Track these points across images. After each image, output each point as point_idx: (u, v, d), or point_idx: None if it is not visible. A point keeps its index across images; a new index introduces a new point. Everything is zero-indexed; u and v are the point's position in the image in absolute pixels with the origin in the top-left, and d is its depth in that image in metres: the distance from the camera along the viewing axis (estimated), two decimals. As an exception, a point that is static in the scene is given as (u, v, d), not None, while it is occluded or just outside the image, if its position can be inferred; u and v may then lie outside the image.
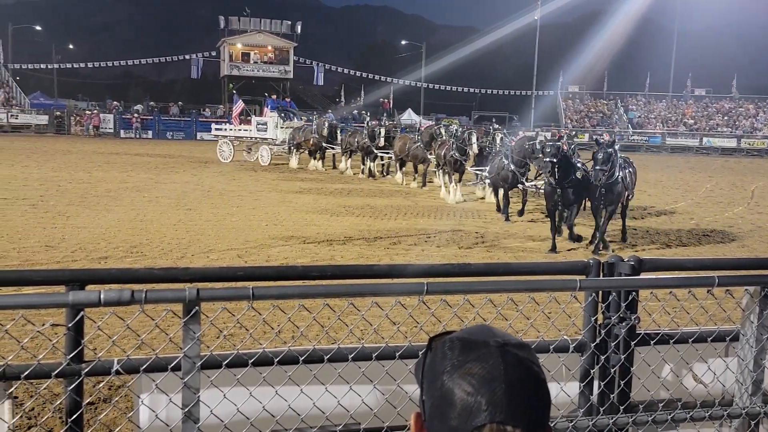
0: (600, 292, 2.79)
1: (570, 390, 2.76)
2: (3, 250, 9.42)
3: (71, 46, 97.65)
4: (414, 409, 1.14)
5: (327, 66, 67.09)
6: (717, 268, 2.95)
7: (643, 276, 2.80)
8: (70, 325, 2.25)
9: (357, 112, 54.62)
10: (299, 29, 61.33)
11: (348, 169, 24.21)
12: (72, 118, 49.30)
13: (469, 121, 65.84)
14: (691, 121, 58.56)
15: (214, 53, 63.48)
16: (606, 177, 10.43)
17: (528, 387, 1.03)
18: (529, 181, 14.49)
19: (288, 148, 26.50)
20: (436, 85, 69.42)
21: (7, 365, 2.20)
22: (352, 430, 2.52)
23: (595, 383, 2.79)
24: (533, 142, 13.88)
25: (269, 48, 59.97)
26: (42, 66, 67.72)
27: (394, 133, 23.13)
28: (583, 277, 2.77)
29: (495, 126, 20.22)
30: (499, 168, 14.32)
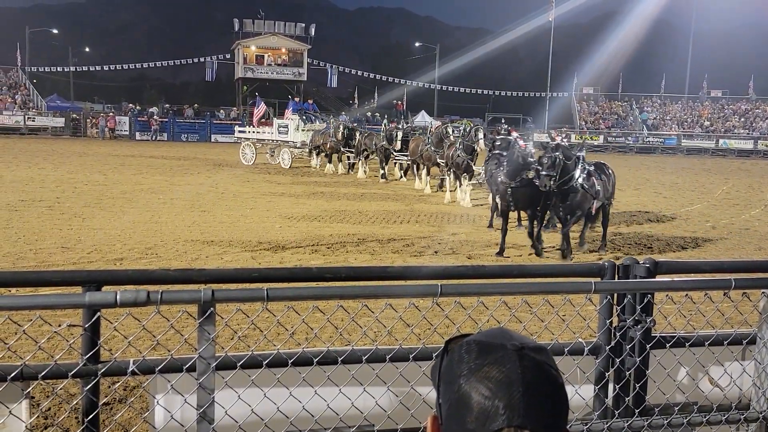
0: (615, 295, 2.78)
1: (585, 393, 2.74)
2: (20, 251, 9.52)
3: (87, 49, 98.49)
4: (427, 411, 1.14)
5: (340, 68, 67.16)
6: (733, 271, 2.93)
7: (659, 278, 2.78)
8: (86, 325, 2.27)
9: (371, 114, 54.67)
10: (313, 31, 61.46)
11: (364, 172, 23.95)
12: (88, 121, 49.74)
13: (482, 122, 65.72)
14: (707, 122, 58.08)
15: (228, 56, 63.75)
16: (555, 182, 9.69)
17: (546, 391, 1.02)
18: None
19: (309, 150, 26.39)
20: (450, 87, 69.33)
21: (25, 365, 2.22)
22: (365, 432, 2.52)
23: (610, 386, 2.78)
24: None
25: (283, 50, 60.14)
26: (58, 69, 68.38)
27: (412, 136, 22.50)
28: (598, 279, 2.76)
29: (504, 126, 20.13)
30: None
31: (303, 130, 26.86)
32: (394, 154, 22.36)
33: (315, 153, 26.11)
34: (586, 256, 10.79)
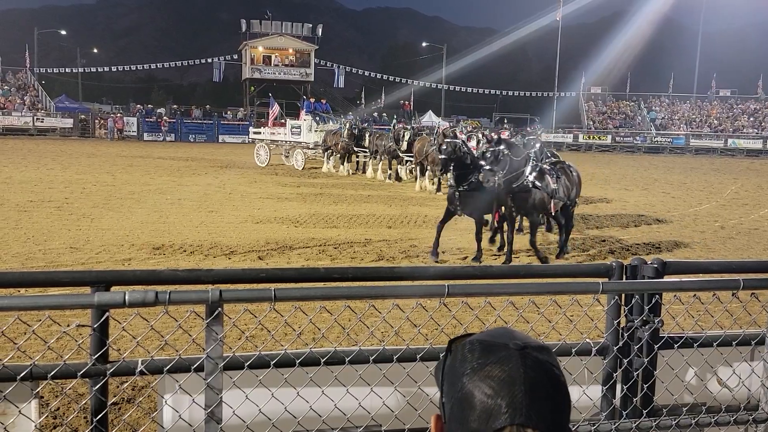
0: (623, 295, 2.77)
1: (592, 393, 2.74)
2: (29, 251, 9.57)
3: (96, 50, 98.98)
4: (435, 411, 1.14)
5: (348, 68, 67.24)
6: (742, 271, 2.91)
7: (667, 279, 2.78)
8: (95, 325, 2.29)
9: (377, 114, 54.69)
10: (320, 32, 61.55)
11: (374, 173, 23.74)
12: (96, 122, 49.99)
13: (489, 122, 65.65)
14: (716, 122, 57.81)
15: (235, 56, 63.97)
16: (499, 178, 9.12)
17: (548, 390, 1.02)
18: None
19: (323, 151, 25.97)
20: (457, 87, 69.30)
21: (34, 365, 2.24)
22: (373, 432, 2.52)
23: (618, 387, 2.77)
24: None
25: (290, 51, 60.25)
26: (67, 70, 68.79)
27: (419, 137, 22.14)
28: (605, 279, 2.75)
29: (507, 126, 20.23)
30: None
31: (316, 131, 26.62)
32: (401, 155, 22.19)
33: (327, 155, 25.64)
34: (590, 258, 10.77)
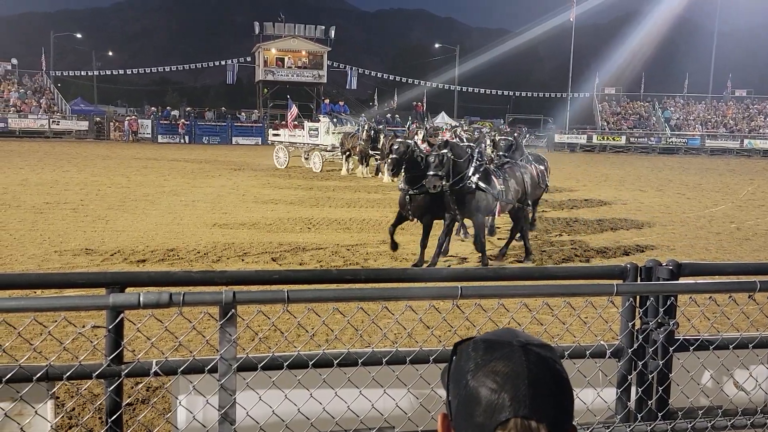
0: (637, 297, 2.75)
1: (607, 396, 2.72)
2: (45, 253, 9.66)
3: (110, 53, 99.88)
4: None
5: (360, 70, 67.31)
6: (758, 273, 2.89)
7: (682, 281, 2.75)
8: (110, 326, 2.30)
9: (390, 115, 54.71)
10: (333, 34, 61.66)
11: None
12: (111, 124, 50.37)
13: (503, 123, 65.45)
14: (731, 122, 57.30)
15: (249, 59, 64.21)
16: (445, 183, 8.80)
17: (551, 385, 1.05)
18: None
19: (342, 153, 25.62)
20: (470, 88, 69.19)
21: (50, 366, 2.26)
22: (386, 434, 2.52)
23: (633, 389, 2.75)
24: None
25: (303, 53, 60.41)
26: (82, 73, 69.39)
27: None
28: (620, 281, 2.74)
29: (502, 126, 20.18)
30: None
31: (333, 133, 26.42)
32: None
33: (345, 157, 25.32)
34: (612, 260, 10.70)
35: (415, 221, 9.78)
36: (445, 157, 8.80)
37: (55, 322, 2.49)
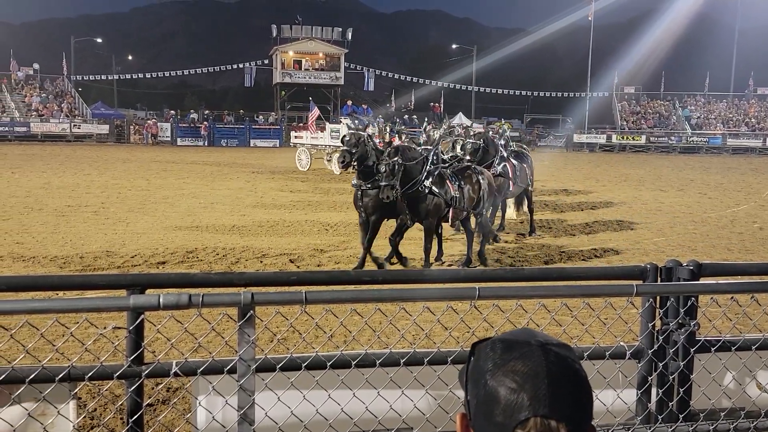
0: (658, 298, 2.73)
1: (627, 397, 2.70)
2: (67, 255, 9.77)
3: (130, 58, 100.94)
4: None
5: (377, 71, 67.38)
6: (782, 273, 2.85)
7: (703, 281, 2.73)
8: (130, 328, 2.33)
9: (407, 116, 54.70)
10: (350, 35, 61.80)
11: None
12: (131, 127, 50.89)
13: (521, 124, 65.17)
14: (753, 120, 56.53)
15: (266, 61, 64.53)
16: (397, 192, 8.51)
17: (570, 384, 1.05)
18: None
19: None
20: (488, 89, 68.96)
21: (72, 367, 2.29)
22: (404, 435, 2.52)
23: (653, 390, 2.72)
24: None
25: (320, 55, 60.60)
26: (103, 77, 70.14)
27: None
28: (639, 282, 2.71)
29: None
30: None
31: None
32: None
33: None
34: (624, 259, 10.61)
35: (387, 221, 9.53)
36: (396, 165, 8.49)
37: (77, 324, 2.52)
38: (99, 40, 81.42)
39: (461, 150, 11.44)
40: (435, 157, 9.21)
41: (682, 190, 21.91)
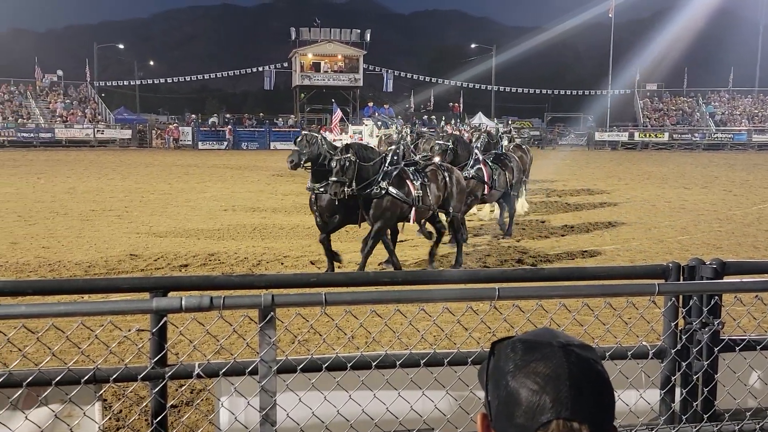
0: (680, 297, 2.70)
1: (650, 397, 2.68)
2: (91, 259, 9.91)
3: (152, 63, 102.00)
4: (486, 414, 1.15)
5: (396, 72, 67.36)
6: (808, 271, 2.80)
7: (727, 279, 2.69)
8: (154, 330, 2.36)
9: (427, 117, 54.60)
10: (368, 37, 61.85)
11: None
12: (153, 132, 51.43)
13: (541, 123, 64.74)
14: (779, 116, 55.63)
15: (285, 64, 64.82)
16: (350, 189, 8.27)
17: (592, 385, 1.04)
18: None
19: None
20: (507, 88, 68.59)
21: (97, 369, 2.32)
22: (425, 436, 2.52)
23: (677, 390, 2.70)
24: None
25: (339, 57, 60.73)
26: (125, 83, 70.95)
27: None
28: (662, 281, 2.69)
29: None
30: None
31: (377, 136, 26.41)
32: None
33: None
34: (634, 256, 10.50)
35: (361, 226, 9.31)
36: (347, 162, 8.24)
37: (101, 326, 2.55)
38: (121, 46, 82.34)
39: (430, 151, 11.25)
40: (395, 158, 8.99)
41: (706, 188, 21.62)
